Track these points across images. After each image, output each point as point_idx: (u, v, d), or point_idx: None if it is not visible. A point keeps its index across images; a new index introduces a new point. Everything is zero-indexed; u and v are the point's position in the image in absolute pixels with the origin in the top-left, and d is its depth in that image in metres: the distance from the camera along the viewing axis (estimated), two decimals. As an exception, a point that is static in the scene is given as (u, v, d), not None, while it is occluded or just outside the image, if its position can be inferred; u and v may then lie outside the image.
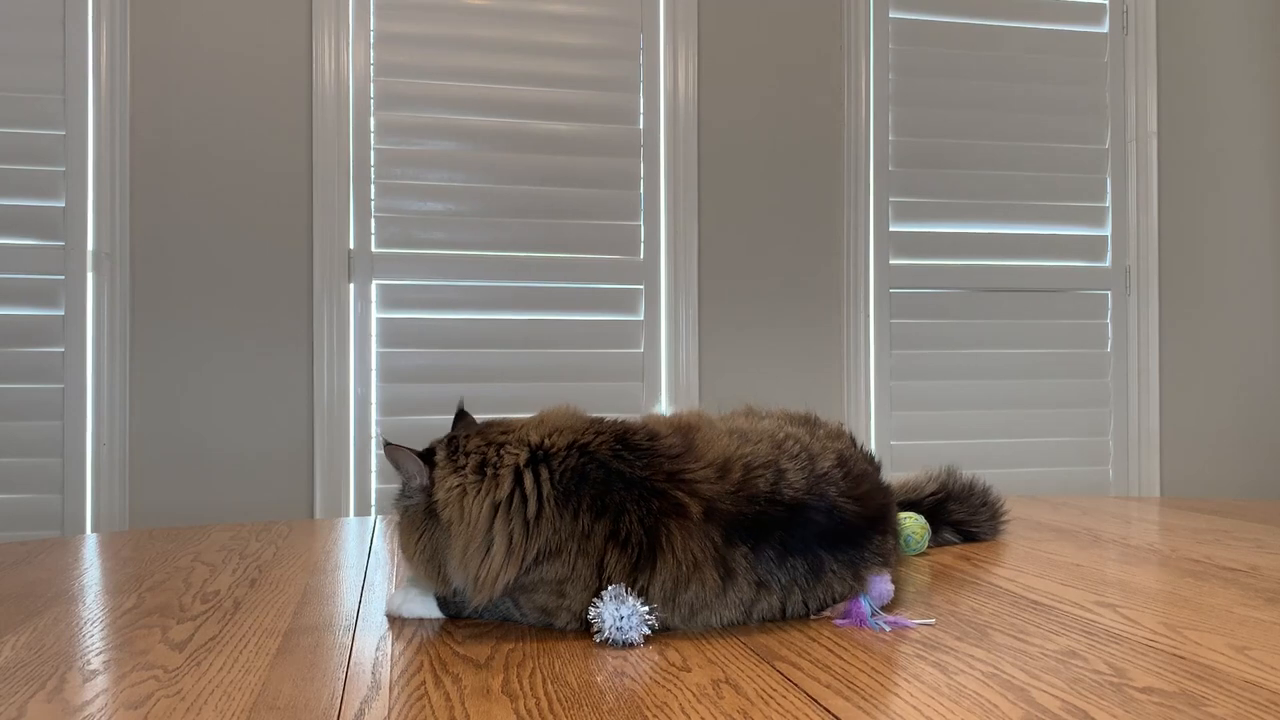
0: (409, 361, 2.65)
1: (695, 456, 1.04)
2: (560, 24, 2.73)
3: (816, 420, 1.24)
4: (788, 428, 1.16)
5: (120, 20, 2.49)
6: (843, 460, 1.11)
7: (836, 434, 1.21)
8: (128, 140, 2.50)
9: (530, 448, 1.03)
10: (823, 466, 1.08)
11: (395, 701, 0.81)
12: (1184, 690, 0.83)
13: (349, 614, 1.12)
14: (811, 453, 1.09)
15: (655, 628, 0.97)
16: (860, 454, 1.20)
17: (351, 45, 2.61)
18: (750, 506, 1.01)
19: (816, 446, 1.11)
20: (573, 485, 1.00)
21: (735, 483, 1.02)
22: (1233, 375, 3.11)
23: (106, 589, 1.27)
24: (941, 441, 2.91)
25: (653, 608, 0.97)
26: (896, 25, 2.93)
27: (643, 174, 2.77)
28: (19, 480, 2.44)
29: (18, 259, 2.45)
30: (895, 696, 0.82)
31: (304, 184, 2.59)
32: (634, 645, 0.96)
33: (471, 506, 1.01)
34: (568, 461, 1.02)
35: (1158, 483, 3.04)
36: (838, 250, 2.89)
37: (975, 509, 1.53)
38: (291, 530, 1.71)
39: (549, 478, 1.01)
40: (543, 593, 1.01)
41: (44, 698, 0.83)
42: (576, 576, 0.99)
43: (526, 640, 0.99)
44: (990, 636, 1.00)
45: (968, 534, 1.51)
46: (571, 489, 1.00)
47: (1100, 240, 3.05)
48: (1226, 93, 3.13)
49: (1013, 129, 2.99)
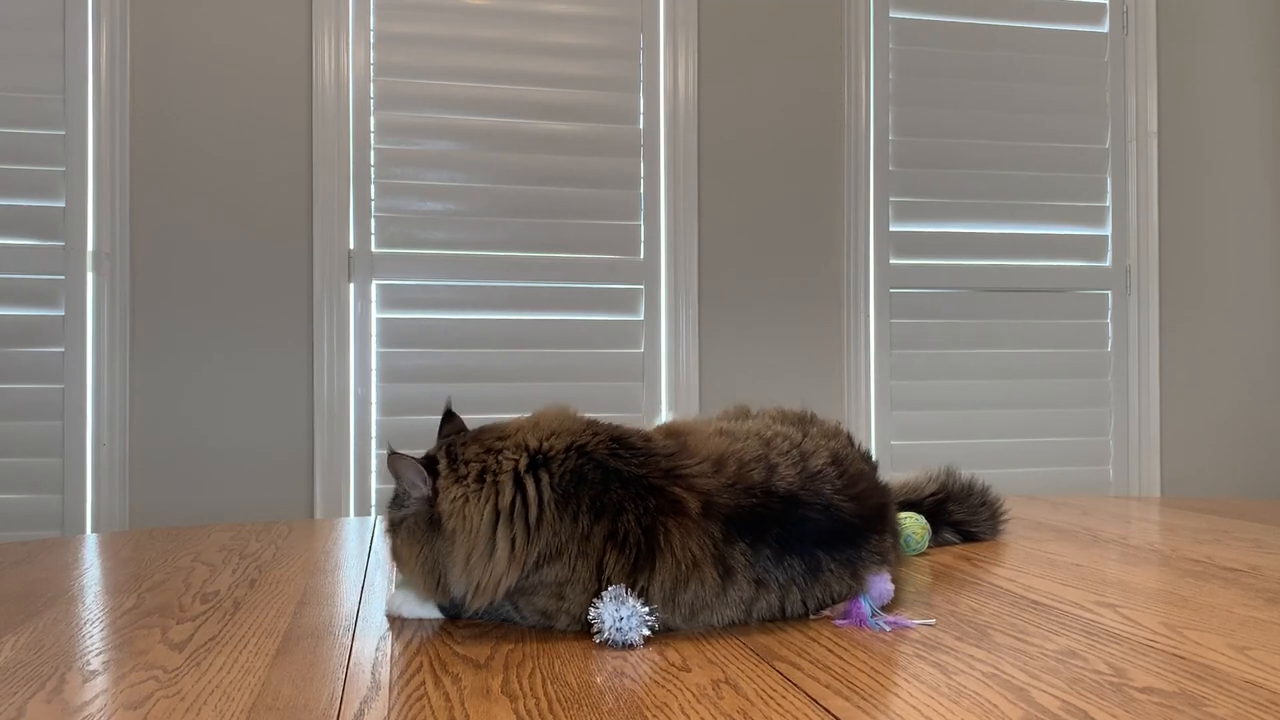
0: (409, 361, 2.65)
1: (690, 454, 1.05)
2: (560, 24, 2.73)
3: (812, 419, 1.24)
4: (777, 426, 1.17)
5: (120, 20, 2.49)
6: (837, 459, 1.11)
7: (833, 433, 1.21)
8: (128, 140, 2.50)
9: (529, 452, 1.02)
10: (816, 464, 1.08)
11: (395, 702, 0.81)
12: (1184, 690, 0.83)
13: (349, 614, 1.12)
14: (804, 451, 1.09)
15: (655, 629, 0.97)
16: (857, 453, 1.20)
17: (351, 45, 2.61)
18: (747, 499, 1.02)
19: (809, 445, 1.11)
20: (572, 487, 1.00)
21: (731, 475, 1.03)
22: (1233, 375, 3.11)
23: (106, 589, 1.27)
24: (942, 441, 2.91)
25: (653, 608, 0.97)
26: (896, 25, 2.93)
27: (643, 174, 2.77)
28: (19, 480, 2.44)
29: (18, 259, 2.45)
30: (895, 696, 0.82)
31: (304, 184, 2.59)
32: (634, 646, 0.96)
33: (473, 514, 1.00)
34: (566, 464, 1.01)
35: (1158, 482, 3.04)
36: (838, 250, 2.89)
37: (974, 509, 1.53)
38: (291, 530, 1.71)
39: (549, 481, 1.00)
40: (542, 595, 1.01)
41: (44, 698, 0.83)
42: (576, 579, 0.99)
43: (526, 640, 0.99)
44: (990, 636, 1.00)
45: (967, 534, 1.51)
46: (570, 491, 1.00)
47: (1100, 240, 3.05)
48: (1227, 92, 3.13)
49: (1013, 129, 2.99)
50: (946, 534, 1.50)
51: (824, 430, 1.20)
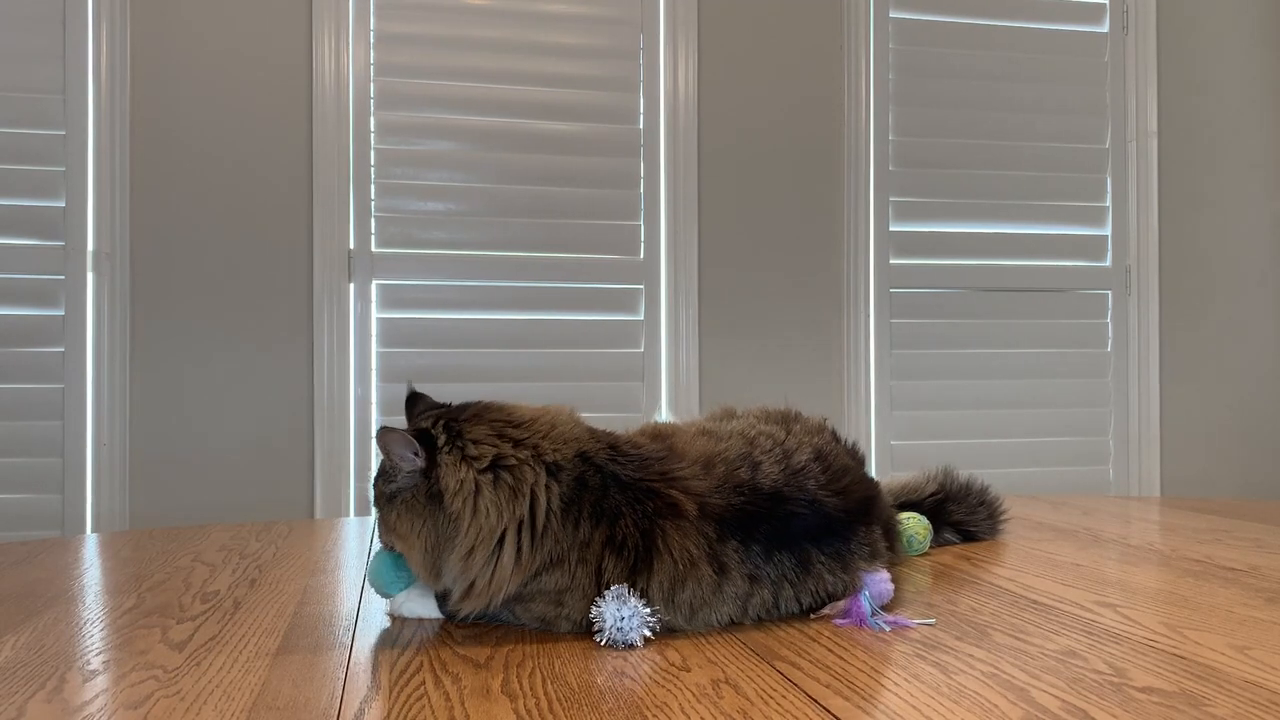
0: (409, 361, 2.65)
1: (678, 456, 1.06)
2: (560, 24, 2.73)
3: (796, 416, 1.25)
4: (760, 425, 1.17)
5: (120, 20, 2.49)
6: (820, 454, 1.12)
7: (816, 429, 1.21)
8: (128, 140, 2.50)
9: (546, 466, 1.01)
10: (799, 461, 1.10)
11: (395, 702, 0.81)
12: (1184, 690, 0.83)
13: (349, 614, 1.12)
14: (786, 449, 1.11)
15: (656, 630, 0.97)
16: (842, 448, 1.21)
17: (351, 45, 2.61)
18: (736, 497, 1.03)
19: (792, 442, 1.13)
20: (574, 494, 1.00)
21: (719, 477, 1.04)
22: (1233, 375, 3.11)
23: (106, 589, 1.27)
24: (942, 441, 2.91)
25: (654, 609, 0.97)
26: (896, 25, 2.93)
27: (643, 174, 2.77)
28: (19, 480, 2.44)
29: (18, 259, 2.45)
30: (895, 696, 0.82)
31: (304, 184, 2.59)
32: (635, 646, 0.96)
33: (488, 508, 0.98)
34: (573, 472, 1.01)
35: (1158, 482, 3.04)
36: (838, 250, 2.89)
37: (973, 509, 1.53)
38: (291, 530, 1.71)
39: (558, 491, 1.00)
40: (540, 603, 1.01)
41: (44, 698, 0.83)
42: (576, 585, 0.99)
43: (526, 640, 0.99)
44: (990, 636, 1.00)
45: (967, 533, 1.51)
46: (573, 498, 1.00)
47: (1100, 240, 3.05)
48: (1227, 92, 3.13)
49: (1013, 129, 2.99)
50: (946, 534, 1.50)
51: (807, 427, 1.20)
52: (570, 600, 0.99)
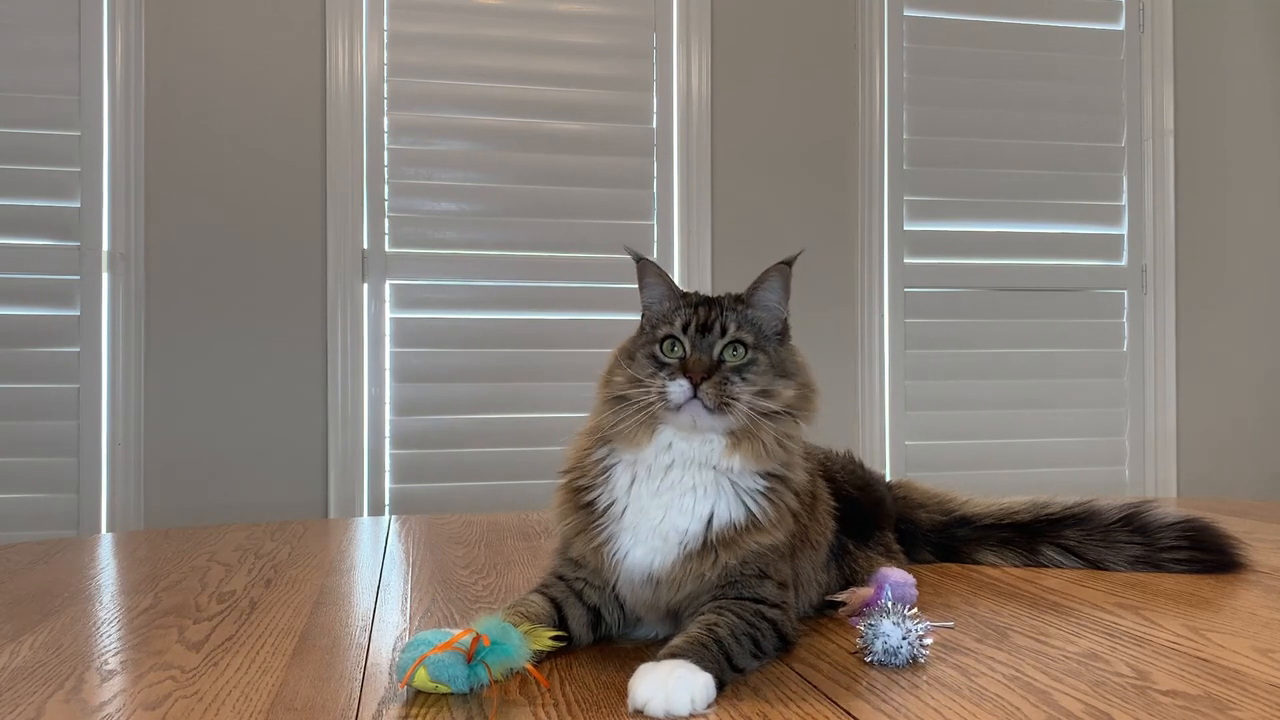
0: (423, 361, 2.65)
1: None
2: (573, 23, 2.73)
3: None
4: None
5: (135, 22, 2.50)
6: (849, 457, 1.41)
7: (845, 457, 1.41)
8: (143, 141, 2.51)
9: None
10: (836, 461, 1.33)
11: (413, 703, 0.81)
12: (1208, 693, 0.82)
13: (365, 615, 1.12)
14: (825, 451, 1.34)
15: (925, 658, 0.92)
16: (856, 461, 1.41)
17: (365, 46, 2.61)
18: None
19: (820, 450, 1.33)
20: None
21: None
22: (1250, 375, 3.09)
23: (122, 589, 1.28)
24: (957, 442, 2.89)
25: (927, 627, 0.92)
26: (910, 23, 2.91)
27: (655, 173, 2.76)
28: (35, 480, 2.45)
29: (34, 259, 2.46)
30: (916, 699, 0.81)
31: (318, 184, 2.59)
32: (900, 668, 0.90)
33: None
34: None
35: (1174, 483, 3.02)
36: (852, 249, 2.88)
37: (1090, 532, 1.37)
38: (306, 530, 1.72)
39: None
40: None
41: (62, 698, 0.84)
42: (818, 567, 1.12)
43: (543, 641, 0.99)
44: (1010, 638, 0.99)
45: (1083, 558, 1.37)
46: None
47: (1116, 239, 3.03)
48: (1243, 90, 3.10)
49: (1028, 127, 2.97)
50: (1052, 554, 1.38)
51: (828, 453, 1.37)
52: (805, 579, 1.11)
